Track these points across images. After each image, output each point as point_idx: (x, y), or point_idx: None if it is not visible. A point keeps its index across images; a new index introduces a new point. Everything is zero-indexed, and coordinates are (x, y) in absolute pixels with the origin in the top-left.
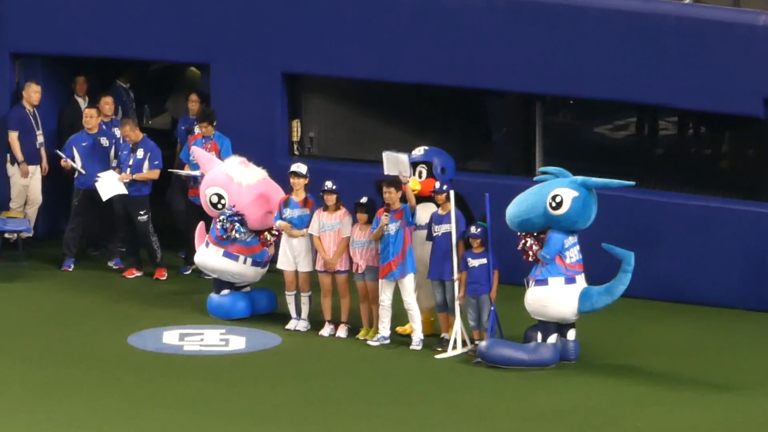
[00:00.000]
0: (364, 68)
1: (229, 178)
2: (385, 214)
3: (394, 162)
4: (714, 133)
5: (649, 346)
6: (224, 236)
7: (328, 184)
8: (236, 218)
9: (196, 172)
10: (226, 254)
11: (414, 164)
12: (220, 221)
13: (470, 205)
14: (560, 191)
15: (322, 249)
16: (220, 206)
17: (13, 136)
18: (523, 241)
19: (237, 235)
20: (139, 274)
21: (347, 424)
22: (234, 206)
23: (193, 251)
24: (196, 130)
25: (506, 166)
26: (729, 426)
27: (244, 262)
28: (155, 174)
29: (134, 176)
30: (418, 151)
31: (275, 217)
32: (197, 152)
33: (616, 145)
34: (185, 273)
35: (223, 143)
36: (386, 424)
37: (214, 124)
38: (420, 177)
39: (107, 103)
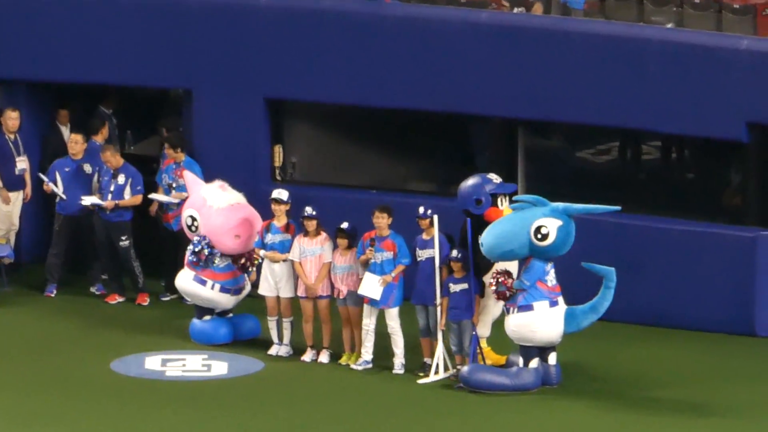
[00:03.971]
0: (347, 94)
1: (203, 200)
2: (370, 248)
3: (372, 285)
4: (697, 158)
5: (632, 371)
6: (196, 261)
7: (309, 209)
8: (205, 246)
9: (172, 198)
10: (196, 278)
11: (496, 195)
12: (190, 248)
13: (452, 229)
14: (545, 222)
15: (303, 274)
16: (194, 228)
17: None
18: (495, 283)
19: (211, 261)
20: (121, 299)
21: None
22: (202, 231)
23: (172, 278)
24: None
25: None
26: None
27: (212, 287)
28: (137, 200)
29: (117, 203)
30: (497, 180)
31: (256, 243)
32: (187, 176)
33: (599, 169)
34: (163, 299)
35: (192, 170)
36: None
37: (178, 150)
38: (501, 205)
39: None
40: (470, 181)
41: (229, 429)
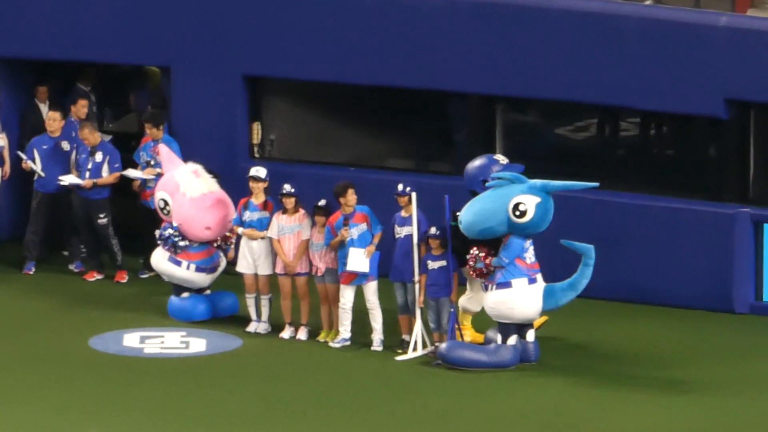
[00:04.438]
0: (325, 70)
1: (176, 186)
2: (345, 227)
3: (359, 259)
4: (676, 134)
5: (610, 347)
6: (168, 249)
7: (287, 187)
8: (176, 238)
9: (145, 174)
10: (171, 259)
11: None
12: (161, 233)
13: (431, 206)
14: (523, 199)
15: (281, 252)
16: (165, 212)
17: None
18: (474, 258)
19: (183, 249)
20: (100, 277)
21: (309, 426)
22: (174, 219)
23: (150, 255)
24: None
25: None
26: (692, 427)
27: (187, 267)
28: (115, 177)
29: (95, 181)
30: (504, 160)
31: (234, 220)
32: (162, 151)
33: (577, 146)
34: (142, 276)
35: (171, 147)
36: (348, 426)
37: (160, 127)
38: None
39: (83, 106)
40: (477, 162)
41: (207, 405)
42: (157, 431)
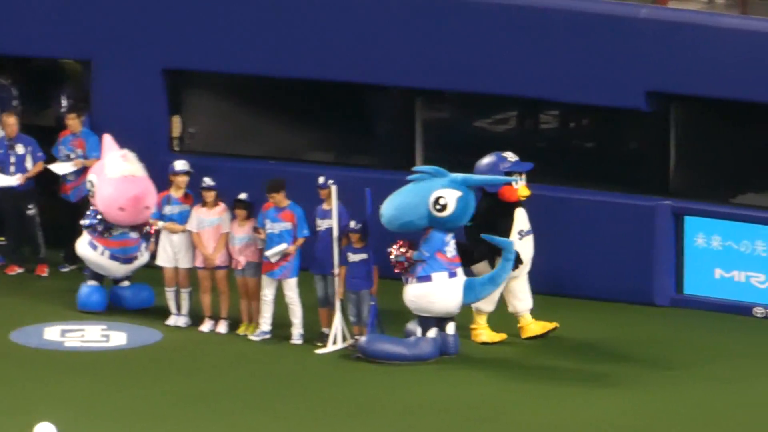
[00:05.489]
0: (246, 64)
1: (102, 167)
2: (260, 229)
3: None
4: (597, 127)
5: (532, 340)
6: (92, 232)
7: (207, 180)
8: (98, 221)
9: (76, 166)
10: (90, 243)
11: (511, 173)
12: (88, 213)
13: (351, 199)
14: (443, 193)
15: (201, 245)
16: (91, 194)
17: None
18: (396, 253)
19: (107, 232)
20: (20, 270)
21: (230, 419)
22: (96, 199)
23: (71, 249)
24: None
25: (388, 161)
26: (611, 420)
27: (102, 253)
28: (41, 166)
29: (27, 176)
30: (513, 158)
31: (154, 215)
32: (106, 140)
33: (497, 139)
34: (63, 270)
35: (89, 140)
36: (269, 419)
37: (82, 118)
38: (516, 184)
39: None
40: (486, 160)
41: (127, 399)
42: (78, 424)
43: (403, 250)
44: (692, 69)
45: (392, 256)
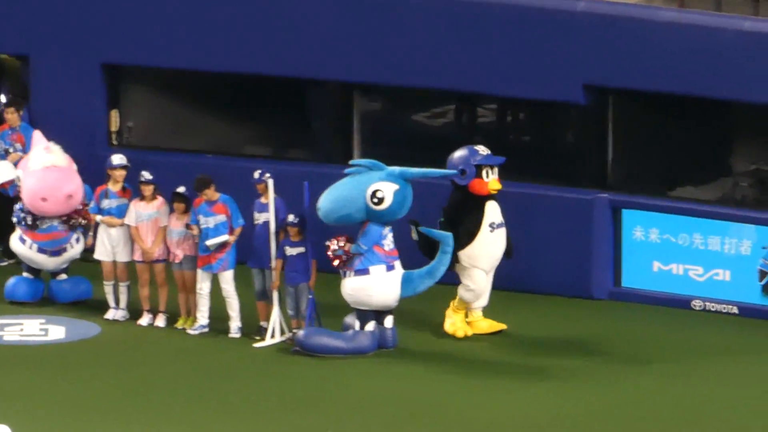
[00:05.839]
0: (184, 58)
1: (27, 160)
2: (194, 224)
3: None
4: (534, 120)
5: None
6: (22, 226)
7: (146, 174)
8: (20, 213)
9: (7, 175)
10: (20, 237)
11: (481, 166)
12: (14, 213)
13: (289, 193)
14: (380, 186)
15: (139, 239)
16: (18, 189)
17: None
18: (334, 247)
19: (35, 225)
20: None
21: (169, 413)
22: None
23: (7, 243)
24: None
25: (325, 155)
26: (550, 413)
27: (30, 247)
28: None
29: None
30: (485, 151)
31: (92, 209)
32: (35, 135)
33: (434, 133)
34: (1, 264)
35: (28, 134)
36: (207, 413)
37: (21, 112)
38: (487, 177)
39: None
40: (458, 153)
41: (67, 392)
42: (17, 419)
43: (341, 243)
44: (630, 62)
45: (330, 250)
